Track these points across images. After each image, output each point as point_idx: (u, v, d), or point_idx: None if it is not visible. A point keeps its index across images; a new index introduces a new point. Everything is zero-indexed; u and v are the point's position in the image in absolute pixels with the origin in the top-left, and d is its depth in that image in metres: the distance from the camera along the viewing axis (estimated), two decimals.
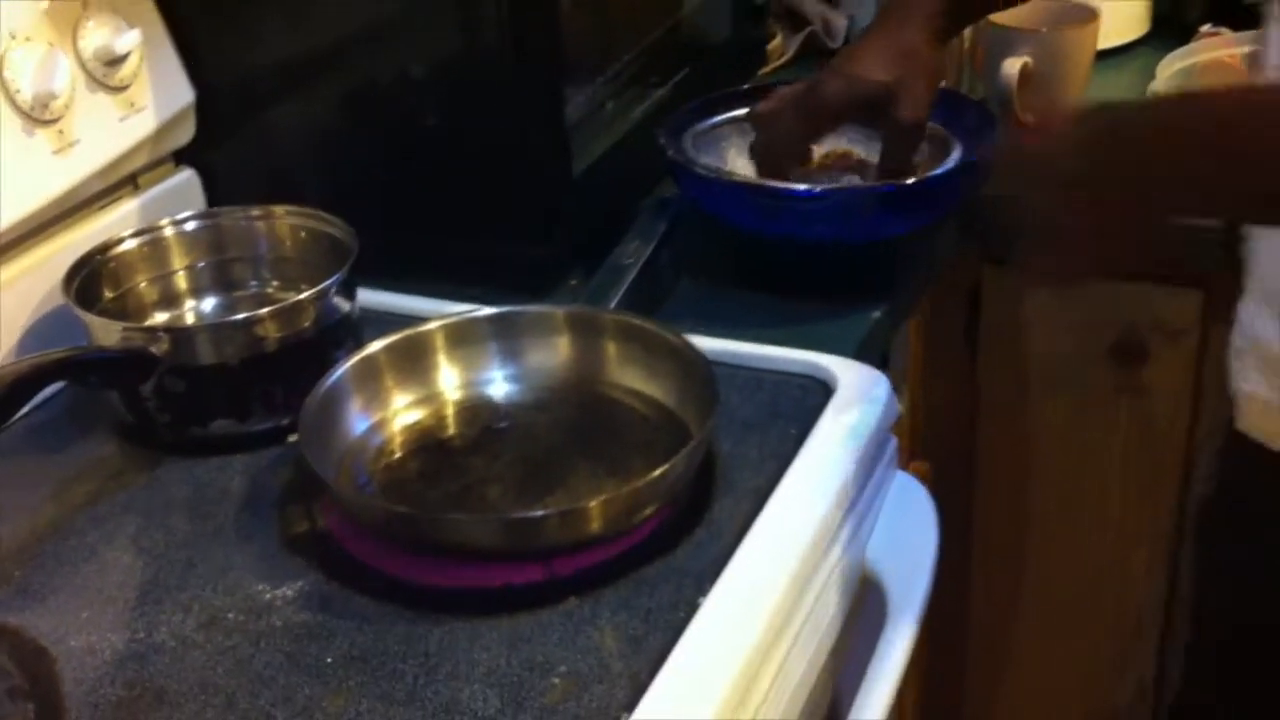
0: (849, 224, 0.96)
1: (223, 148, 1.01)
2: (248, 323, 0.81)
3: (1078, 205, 0.70)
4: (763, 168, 0.97)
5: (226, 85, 0.99)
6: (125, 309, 0.88)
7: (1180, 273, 0.91)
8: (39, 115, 0.86)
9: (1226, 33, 1.22)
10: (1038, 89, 1.14)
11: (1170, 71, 1.17)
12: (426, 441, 0.80)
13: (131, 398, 0.81)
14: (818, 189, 0.97)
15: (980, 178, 1.01)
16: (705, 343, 0.80)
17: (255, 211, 0.93)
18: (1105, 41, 1.27)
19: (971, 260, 1.16)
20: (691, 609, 0.66)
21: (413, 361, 0.82)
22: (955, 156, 1.00)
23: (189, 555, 0.73)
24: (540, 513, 0.69)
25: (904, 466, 0.85)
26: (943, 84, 1.12)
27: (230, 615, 0.68)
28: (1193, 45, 1.21)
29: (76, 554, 0.74)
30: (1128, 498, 1.19)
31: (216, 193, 1.01)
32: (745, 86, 1.09)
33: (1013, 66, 1.13)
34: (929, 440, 1.14)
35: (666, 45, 1.15)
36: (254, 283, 0.93)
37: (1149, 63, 1.21)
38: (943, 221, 1.04)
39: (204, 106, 0.99)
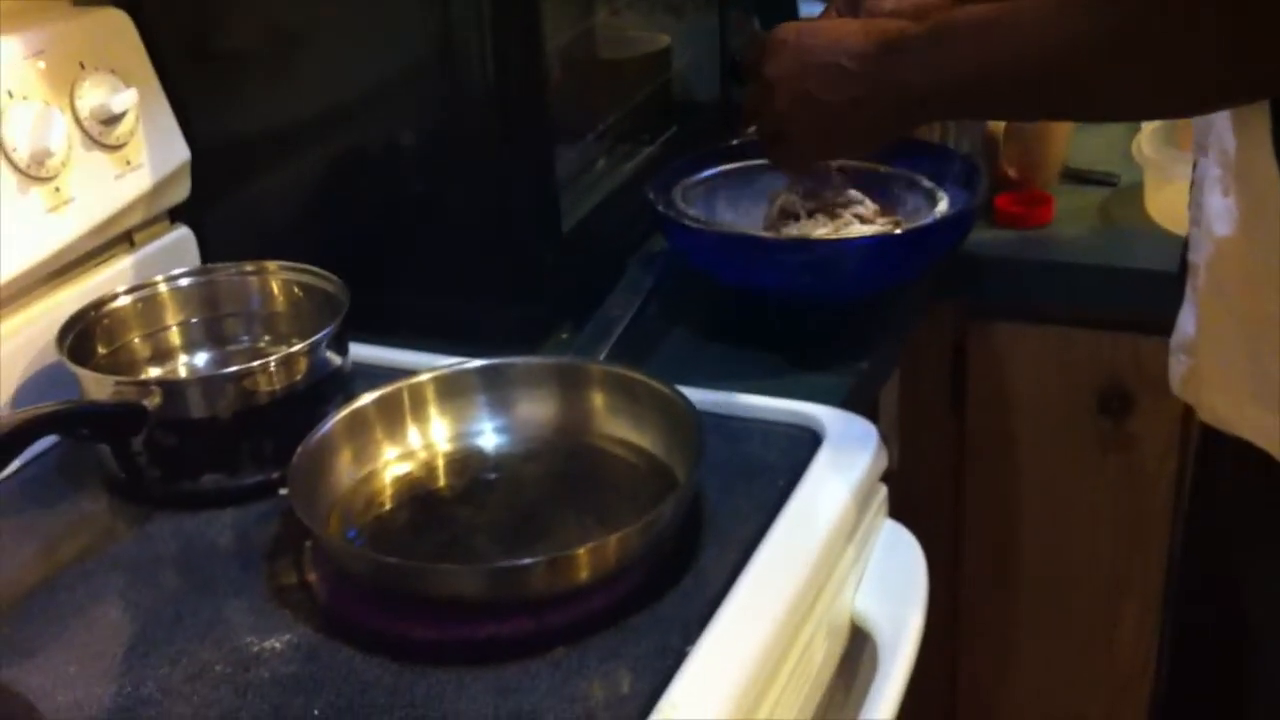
0: (835, 275, 0.97)
1: (217, 206, 1.02)
2: (239, 376, 0.81)
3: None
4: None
5: (221, 145, 1.00)
6: (118, 364, 0.89)
7: (1167, 322, 0.92)
8: (35, 173, 0.87)
9: None
10: (1021, 142, 1.16)
11: (1154, 125, 1.18)
12: (416, 493, 0.80)
13: (122, 452, 0.81)
14: (803, 240, 0.98)
15: (966, 229, 1.03)
16: (693, 393, 0.81)
17: (248, 267, 0.94)
18: None
19: (957, 312, 1.16)
20: (679, 658, 0.66)
21: (403, 414, 0.82)
22: (942, 208, 1.02)
23: (177, 609, 0.73)
24: (528, 561, 0.69)
25: (893, 515, 0.85)
26: (930, 138, 1.14)
27: (217, 668, 0.68)
28: None
29: (65, 609, 0.73)
30: (1117, 549, 1.19)
31: (211, 250, 1.02)
32: (733, 142, 1.10)
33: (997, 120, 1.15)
34: (917, 490, 1.14)
35: (655, 104, 1.17)
36: (246, 338, 0.94)
37: None
38: (930, 273, 1.05)
39: (199, 165, 1.00)
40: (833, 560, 0.76)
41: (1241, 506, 0.82)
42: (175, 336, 0.92)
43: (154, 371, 0.91)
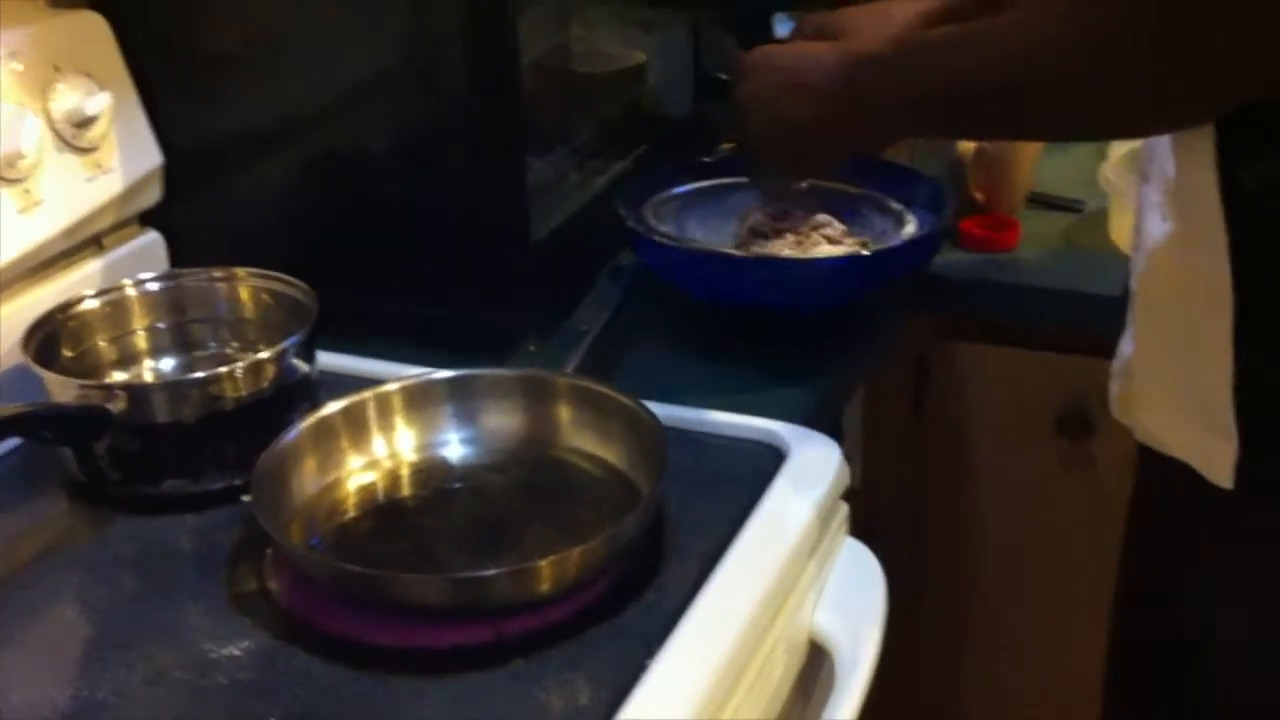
0: (802, 293, 0.98)
1: (188, 210, 1.02)
2: (205, 381, 0.81)
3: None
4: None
5: (193, 149, 1.01)
6: (84, 367, 0.88)
7: None
8: (6, 174, 0.87)
9: None
10: (989, 166, 1.17)
11: (1121, 152, 1.20)
12: (380, 502, 0.80)
13: (85, 455, 0.81)
14: (772, 258, 0.99)
15: (933, 252, 1.04)
16: (659, 408, 0.81)
17: (217, 273, 0.93)
18: None
19: (921, 333, 1.17)
20: (639, 671, 0.66)
21: (369, 423, 0.82)
22: (909, 230, 1.03)
23: (135, 612, 0.72)
24: (490, 572, 0.69)
25: (853, 534, 0.86)
26: (898, 160, 1.15)
27: (175, 673, 0.68)
28: None
29: (22, 610, 0.73)
30: (1072, 569, 1.20)
31: (180, 254, 1.02)
32: (705, 159, 1.11)
33: (965, 144, 1.16)
34: (879, 507, 1.15)
35: (628, 119, 1.18)
36: (213, 343, 0.94)
37: (1100, 144, 1.25)
38: (895, 293, 1.06)
39: (171, 169, 1.00)
40: (793, 576, 0.76)
41: (1179, 522, 0.83)
42: (142, 341, 0.92)
43: (119, 375, 0.90)
